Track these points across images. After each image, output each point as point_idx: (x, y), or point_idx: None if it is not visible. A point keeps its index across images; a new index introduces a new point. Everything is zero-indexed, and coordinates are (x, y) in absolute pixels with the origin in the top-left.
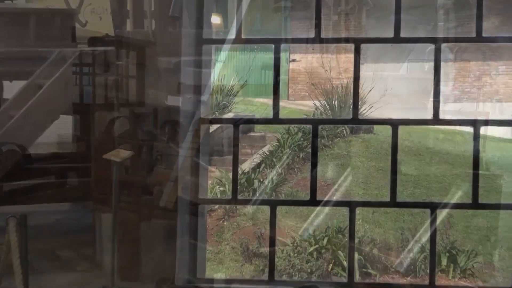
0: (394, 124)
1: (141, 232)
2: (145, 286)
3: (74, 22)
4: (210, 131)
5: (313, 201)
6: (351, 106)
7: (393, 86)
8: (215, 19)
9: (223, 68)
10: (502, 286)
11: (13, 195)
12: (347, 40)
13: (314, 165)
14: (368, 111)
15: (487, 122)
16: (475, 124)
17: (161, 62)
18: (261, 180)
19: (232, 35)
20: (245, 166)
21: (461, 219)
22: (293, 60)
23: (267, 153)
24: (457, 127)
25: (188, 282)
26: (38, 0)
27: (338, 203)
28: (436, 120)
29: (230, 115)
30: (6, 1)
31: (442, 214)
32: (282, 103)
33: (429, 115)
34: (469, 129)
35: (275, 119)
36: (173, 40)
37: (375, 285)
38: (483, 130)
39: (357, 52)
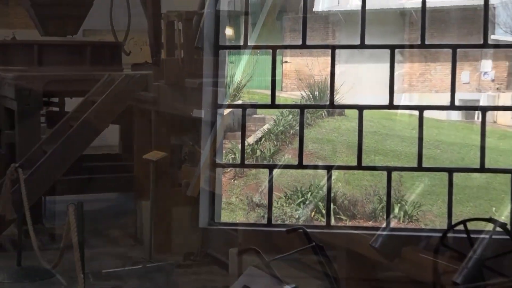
0: (360, 108)
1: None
2: (174, 258)
3: (120, 52)
4: (225, 113)
5: (300, 165)
6: (328, 95)
7: (360, 81)
8: (228, 31)
9: (233, 67)
10: (440, 228)
11: (73, 186)
12: (325, 46)
13: (301, 139)
14: (340, 99)
15: (428, 107)
16: (420, 108)
17: (188, 82)
18: (262, 150)
19: (240, 42)
20: (250, 139)
21: (409, 179)
22: (286, 62)
23: (266, 130)
24: (407, 111)
25: (208, 225)
26: (92, 34)
27: (319, 167)
28: (391, 105)
29: (239, 102)
30: (67, 36)
31: (395, 175)
32: (277, 93)
33: (386, 102)
34: (415, 112)
35: (272, 105)
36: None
37: (347, 227)
38: (426, 113)
39: (333, 55)
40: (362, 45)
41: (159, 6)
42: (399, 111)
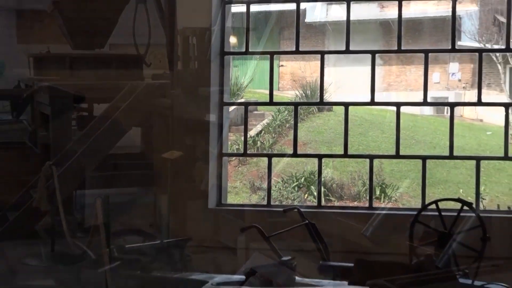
0: (346, 105)
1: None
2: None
3: (142, 63)
4: (230, 110)
5: (295, 154)
6: (318, 94)
7: (346, 81)
8: (232, 39)
9: (237, 70)
10: (415, 207)
11: (100, 181)
12: (315, 52)
13: (295, 131)
14: (329, 97)
15: (404, 103)
16: (397, 104)
17: (201, 90)
18: (262, 141)
19: (242, 49)
20: (252, 132)
21: (388, 165)
22: (282, 65)
23: (266, 124)
24: (386, 107)
25: (216, 206)
26: (117, 48)
27: (311, 155)
28: (372, 102)
29: (242, 100)
30: (96, 49)
31: (376, 162)
32: (274, 92)
33: (368, 99)
34: (393, 108)
35: (270, 102)
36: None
37: (335, 207)
38: (402, 109)
39: (322, 59)
40: (347, 51)
41: (175, 23)
42: (380, 107)
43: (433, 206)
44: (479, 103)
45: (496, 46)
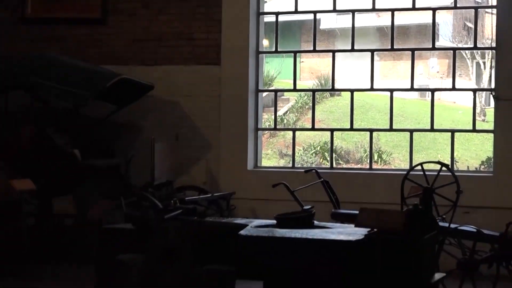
0: (351, 91)
1: None
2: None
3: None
4: (263, 95)
5: (313, 129)
6: (330, 83)
7: (351, 73)
8: (265, 42)
9: (268, 65)
10: (405, 168)
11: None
12: (328, 51)
13: (313, 111)
14: (338, 85)
15: (396, 89)
16: (390, 90)
17: (241, 81)
18: (287, 119)
19: (272, 49)
20: (280, 112)
21: (384, 136)
22: (302, 61)
23: (290, 106)
24: (383, 92)
25: (253, 168)
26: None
27: (325, 129)
28: (372, 88)
29: (272, 87)
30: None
31: (375, 134)
32: (297, 82)
33: (368, 86)
34: (388, 93)
35: (294, 89)
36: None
37: (343, 168)
38: (394, 94)
39: (333, 56)
40: (352, 50)
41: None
42: (377, 92)
43: (419, 167)
44: (453, 89)
45: (465, 46)
